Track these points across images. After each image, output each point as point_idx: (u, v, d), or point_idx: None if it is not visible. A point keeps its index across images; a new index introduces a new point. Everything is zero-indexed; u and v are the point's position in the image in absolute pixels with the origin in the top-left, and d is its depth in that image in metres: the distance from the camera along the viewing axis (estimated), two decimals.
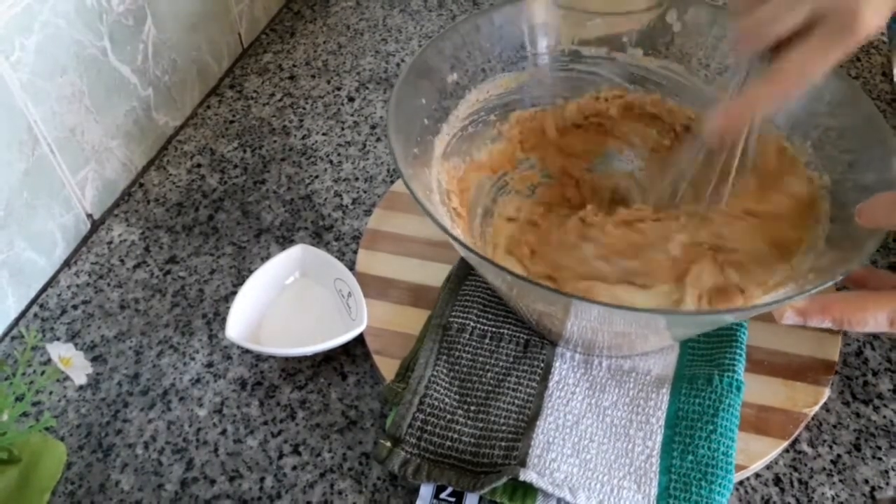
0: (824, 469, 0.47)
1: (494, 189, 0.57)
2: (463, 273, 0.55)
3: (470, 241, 0.52)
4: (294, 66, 0.79)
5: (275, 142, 0.70)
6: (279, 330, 0.53)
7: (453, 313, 0.52)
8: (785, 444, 0.46)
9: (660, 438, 0.46)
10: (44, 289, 0.59)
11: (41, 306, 0.57)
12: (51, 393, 0.52)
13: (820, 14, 0.39)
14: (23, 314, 0.57)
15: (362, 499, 0.46)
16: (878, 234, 0.40)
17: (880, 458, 0.47)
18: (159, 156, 0.69)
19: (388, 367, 0.51)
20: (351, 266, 0.57)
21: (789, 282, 0.44)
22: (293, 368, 0.53)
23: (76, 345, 0.54)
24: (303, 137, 0.70)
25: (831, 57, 0.40)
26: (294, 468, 0.48)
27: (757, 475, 0.47)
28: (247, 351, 0.54)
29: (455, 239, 0.41)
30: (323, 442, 0.49)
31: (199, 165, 0.68)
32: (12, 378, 0.42)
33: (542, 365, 0.50)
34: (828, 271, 0.41)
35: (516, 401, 0.48)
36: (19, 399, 0.41)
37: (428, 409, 0.47)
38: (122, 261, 0.60)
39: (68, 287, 0.59)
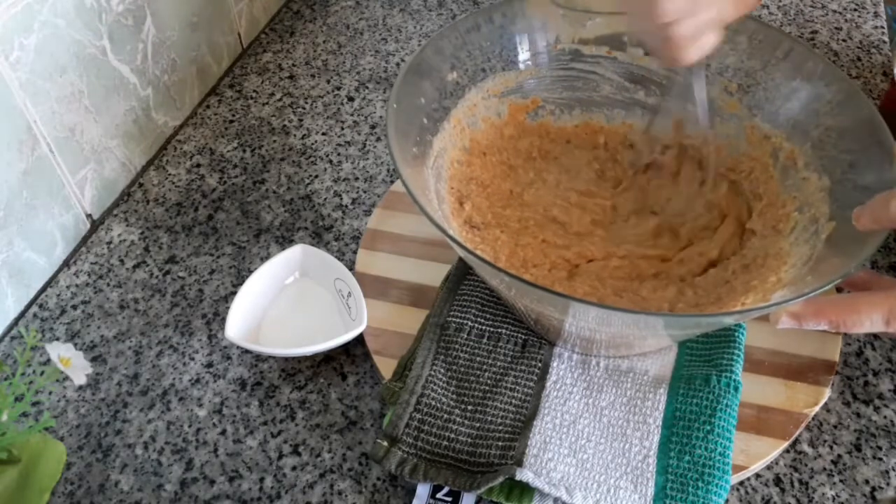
0: (825, 469, 0.47)
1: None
2: (461, 272, 0.55)
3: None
4: (294, 65, 0.79)
5: (274, 141, 0.70)
6: (279, 330, 0.53)
7: (451, 312, 0.52)
8: (785, 444, 0.46)
9: (657, 439, 0.46)
10: (43, 289, 0.59)
11: (41, 306, 0.57)
12: (50, 393, 0.52)
13: None
14: (22, 314, 0.57)
15: (362, 499, 0.46)
16: (877, 235, 0.40)
17: (881, 459, 0.47)
18: (159, 156, 0.69)
19: (387, 368, 0.50)
20: (351, 266, 0.57)
21: (786, 286, 0.44)
22: (293, 368, 0.53)
23: (76, 345, 0.54)
24: (302, 137, 0.70)
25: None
26: (294, 468, 0.48)
27: (757, 475, 0.47)
28: (246, 351, 0.54)
29: (452, 239, 0.41)
30: (323, 442, 0.49)
31: (198, 165, 0.68)
32: (12, 378, 0.42)
33: (539, 365, 0.50)
34: (826, 274, 0.41)
35: (513, 400, 0.48)
36: (19, 399, 0.42)
37: (425, 409, 0.47)
38: (121, 261, 0.60)
39: (68, 287, 0.59)
